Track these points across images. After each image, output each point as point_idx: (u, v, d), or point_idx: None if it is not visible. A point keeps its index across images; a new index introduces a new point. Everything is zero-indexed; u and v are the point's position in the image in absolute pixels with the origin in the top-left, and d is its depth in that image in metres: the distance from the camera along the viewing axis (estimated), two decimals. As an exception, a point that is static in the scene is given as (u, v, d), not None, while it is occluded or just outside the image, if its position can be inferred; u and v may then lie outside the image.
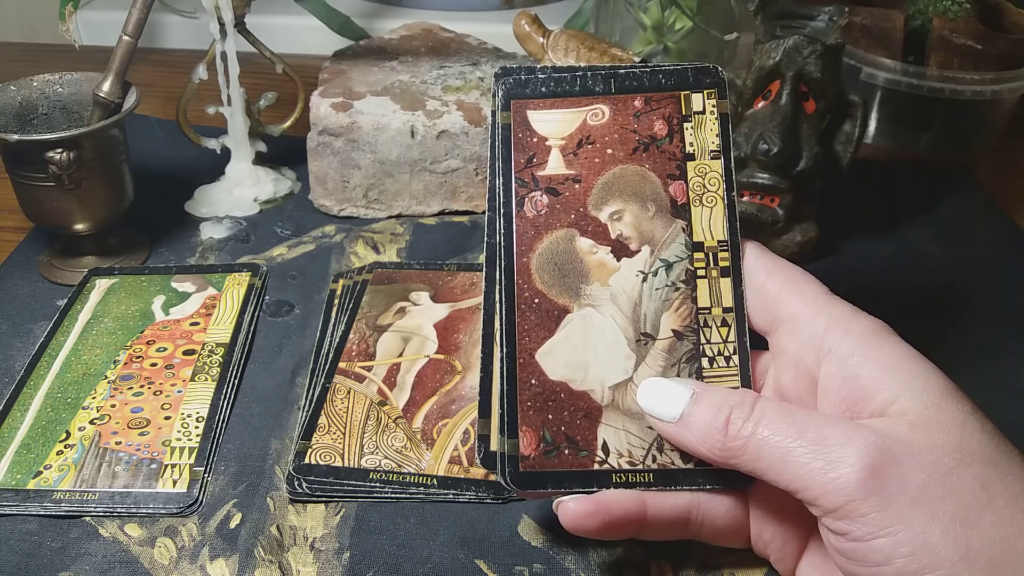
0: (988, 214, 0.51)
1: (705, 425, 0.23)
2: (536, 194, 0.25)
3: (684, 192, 0.26)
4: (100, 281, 0.43)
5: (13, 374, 0.37)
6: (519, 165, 0.25)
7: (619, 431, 0.25)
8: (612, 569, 0.30)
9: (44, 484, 0.32)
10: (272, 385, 0.37)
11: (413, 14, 0.68)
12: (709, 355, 0.25)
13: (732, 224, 0.25)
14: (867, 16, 0.56)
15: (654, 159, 0.26)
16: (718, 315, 0.25)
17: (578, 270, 0.25)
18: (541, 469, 0.24)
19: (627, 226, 0.25)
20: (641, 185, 0.26)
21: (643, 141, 0.26)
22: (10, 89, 0.43)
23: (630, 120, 0.26)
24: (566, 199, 0.25)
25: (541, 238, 0.25)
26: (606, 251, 0.25)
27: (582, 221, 0.25)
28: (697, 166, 0.26)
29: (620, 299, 0.25)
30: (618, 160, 0.26)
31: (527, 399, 0.24)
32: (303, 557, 0.30)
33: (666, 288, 0.25)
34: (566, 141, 0.26)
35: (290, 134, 0.52)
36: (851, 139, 0.44)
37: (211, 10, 0.46)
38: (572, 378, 0.25)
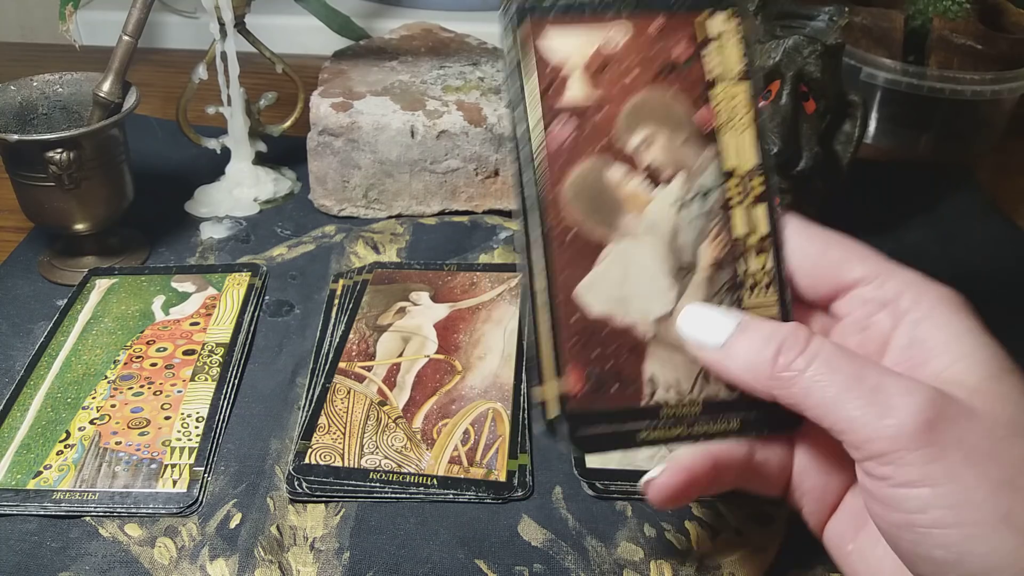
0: (988, 214, 0.51)
1: (752, 354, 0.23)
2: (562, 119, 0.24)
3: (711, 118, 0.24)
4: (100, 281, 0.43)
5: (13, 374, 0.37)
6: (542, 89, 0.24)
7: (666, 364, 0.24)
8: (612, 569, 0.30)
9: (44, 484, 0.32)
10: (272, 385, 0.37)
11: (413, 14, 0.68)
12: (749, 284, 0.24)
13: (762, 148, 0.25)
14: (867, 16, 0.56)
15: (679, 83, 0.24)
16: (754, 243, 0.25)
17: (612, 200, 0.24)
18: (590, 407, 0.24)
19: (659, 152, 0.24)
20: (669, 110, 0.24)
21: (666, 64, 0.24)
22: (10, 89, 0.43)
23: (651, 42, 0.24)
24: (593, 125, 0.24)
25: (571, 168, 0.24)
26: (639, 180, 0.24)
27: (612, 148, 0.24)
28: (722, 90, 0.25)
29: (657, 229, 0.24)
30: (643, 84, 0.24)
31: (569, 337, 0.24)
32: (303, 557, 0.30)
33: (703, 217, 0.24)
34: (588, 62, 0.24)
35: (290, 134, 0.52)
36: (851, 139, 0.44)
37: (211, 10, 0.46)
38: (614, 313, 0.24)
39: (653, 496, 0.24)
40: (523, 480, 0.32)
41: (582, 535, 0.31)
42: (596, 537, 0.31)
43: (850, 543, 0.25)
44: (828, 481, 0.25)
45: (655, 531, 0.31)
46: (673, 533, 0.31)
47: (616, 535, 0.31)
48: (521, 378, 0.37)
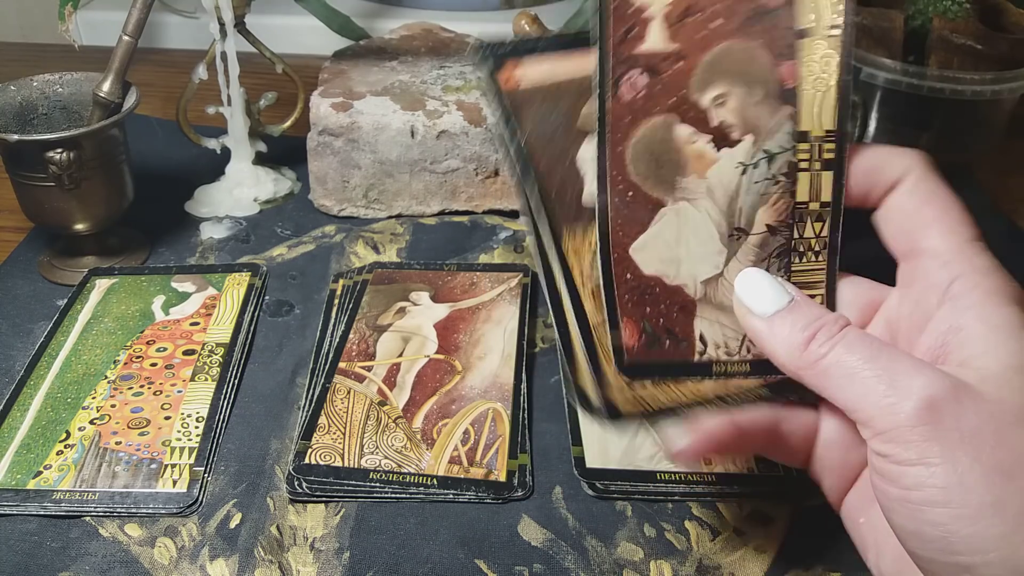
0: (988, 214, 0.51)
1: (789, 335, 0.23)
2: (634, 73, 0.23)
3: (794, 74, 0.23)
4: (100, 281, 0.43)
5: (13, 374, 0.37)
6: (616, 39, 0.22)
7: (714, 324, 0.24)
8: (612, 569, 0.30)
9: (44, 484, 0.32)
10: (272, 385, 0.37)
11: (413, 14, 0.68)
12: (800, 250, 0.24)
13: (843, 113, 0.24)
14: (867, 16, 0.56)
15: (765, 34, 0.23)
16: (815, 209, 0.24)
17: (675, 161, 0.23)
18: (646, 359, 0.24)
19: (731, 112, 0.23)
20: (749, 65, 0.23)
21: (756, 10, 0.23)
22: (10, 89, 0.43)
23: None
24: (666, 80, 0.23)
25: (637, 125, 0.23)
26: (706, 140, 0.23)
27: (683, 106, 0.23)
28: (812, 44, 0.23)
29: (716, 192, 0.24)
30: (726, 34, 0.23)
31: (624, 292, 0.24)
32: (303, 557, 0.30)
33: (765, 181, 0.24)
34: (670, 8, 0.23)
35: (290, 134, 0.52)
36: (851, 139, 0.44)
37: (211, 10, 0.46)
38: (665, 273, 0.24)
39: (681, 462, 0.25)
40: (523, 480, 0.32)
41: (582, 535, 0.31)
42: (596, 537, 0.31)
43: (862, 516, 0.25)
44: (849, 456, 0.26)
45: (655, 531, 0.31)
46: (673, 533, 0.31)
47: (616, 535, 0.31)
48: (521, 378, 0.37)
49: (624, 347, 0.24)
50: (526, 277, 0.43)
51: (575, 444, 0.34)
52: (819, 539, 0.31)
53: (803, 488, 0.32)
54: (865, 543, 0.26)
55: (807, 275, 0.25)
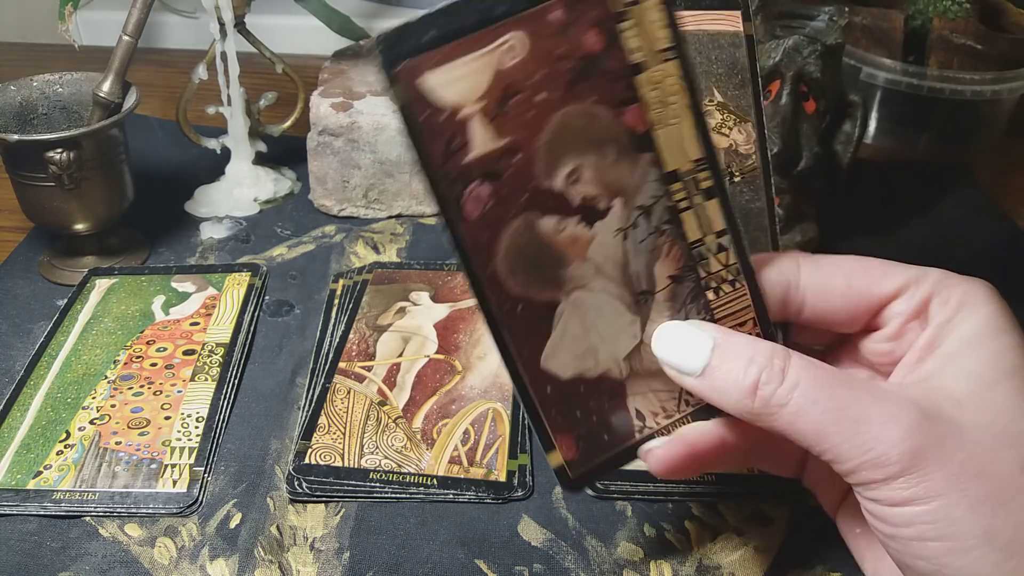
0: (988, 214, 0.51)
1: (731, 384, 0.22)
2: (474, 185, 0.20)
3: (641, 117, 0.21)
4: (100, 281, 0.43)
5: (13, 374, 0.37)
6: (438, 161, 0.20)
7: (647, 395, 0.24)
8: (612, 569, 0.30)
9: (44, 484, 0.32)
10: (272, 385, 0.37)
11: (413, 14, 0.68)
12: (713, 285, 0.23)
13: (704, 135, 0.22)
14: (867, 16, 0.56)
15: (596, 87, 0.20)
16: (712, 243, 0.23)
17: (552, 256, 0.22)
18: (591, 465, 0.24)
19: (589, 184, 0.21)
20: (591, 128, 0.21)
21: (578, 67, 0.20)
22: (10, 89, 0.43)
23: (554, 42, 0.20)
24: (510, 179, 0.20)
25: (499, 238, 0.21)
26: (575, 222, 0.22)
27: (537, 198, 0.21)
28: (649, 77, 0.21)
29: (605, 268, 0.22)
30: (555, 104, 0.20)
31: (550, 408, 0.23)
32: (303, 557, 0.30)
33: (650, 237, 0.22)
34: (485, 101, 0.20)
35: (290, 134, 0.52)
36: (851, 139, 0.44)
37: (211, 10, 0.46)
38: (585, 368, 0.23)
39: (652, 465, 0.24)
40: (523, 480, 0.32)
41: (582, 535, 0.31)
42: (596, 537, 0.31)
43: (858, 527, 0.25)
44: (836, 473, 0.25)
45: (655, 531, 0.31)
46: (673, 533, 0.31)
47: (616, 535, 0.31)
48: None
49: (565, 464, 0.24)
50: (526, 277, 0.43)
51: (575, 444, 0.34)
52: (819, 539, 0.31)
53: (803, 489, 0.32)
54: (862, 554, 0.25)
55: (730, 306, 0.24)
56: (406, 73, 0.19)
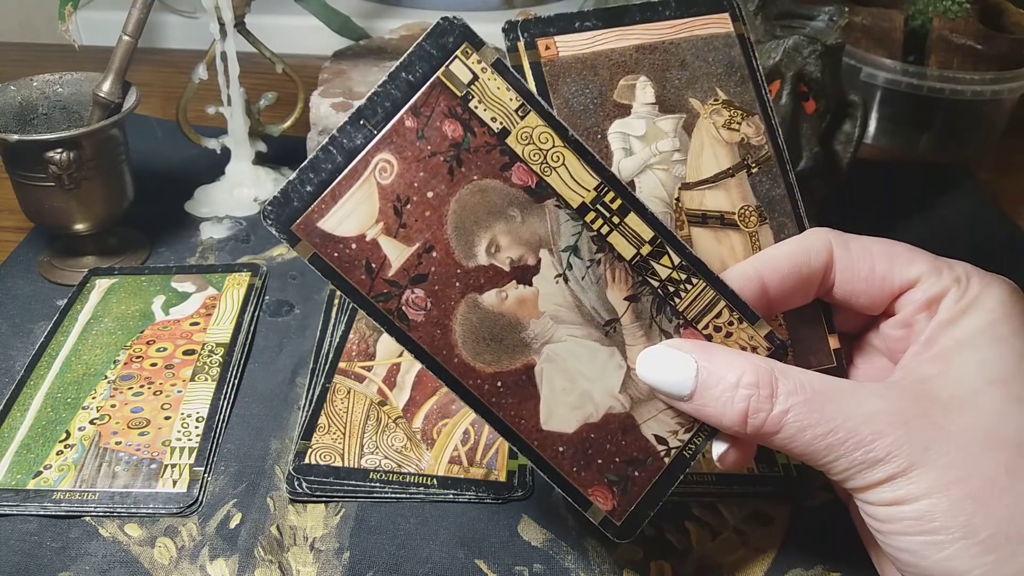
0: (988, 214, 0.51)
1: (721, 411, 0.23)
2: (407, 294, 0.22)
3: (528, 172, 0.22)
4: (100, 281, 0.43)
5: (13, 374, 0.37)
6: (365, 286, 0.22)
7: (657, 417, 0.24)
8: (612, 569, 0.30)
9: (44, 484, 0.32)
10: (272, 385, 0.37)
11: (413, 14, 0.68)
12: (671, 290, 0.23)
13: (592, 162, 0.23)
14: (867, 16, 0.56)
15: (474, 165, 0.22)
16: (648, 251, 0.23)
17: (507, 325, 0.23)
18: (633, 507, 0.24)
19: (509, 249, 0.23)
20: (488, 201, 0.22)
21: (449, 156, 0.22)
22: (10, 89, 0.43)
23: (419, 146, 0.22)
24: (436, 275, 0.22)
25: (450, 329, 0.22)
26: (513, 287, 0.23)
27: (469, 280, 0.22)
28: (516, 136, 0.22)
29: (561, 314, 0.23)
30: (446, 196, 0.22)
31: (569, 467, 0.23)
32: (303, 557, 0.30)
33: (589, 270, 0.23)
34: (382, 220, 0.22)
35: (290, 134, 0.52)
36: (851, 139, 0.44)
37: (211, 10, 0.46)
38: (586, 415, 0.23)
39: (732, 463, 0.25)
40: (523, 480, 0.32)
41: (582, 535, 0.31)
42: (596, 537, 0.31)
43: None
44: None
45: (655, 531, 0.31)
46: (673, 533, 0.31)
47: (616, 535, 0.31)
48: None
49: (607, 515, 0.24)
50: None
51: (575, 444, 0.34)
52: (819, 539, 0.31)
53: (803, 488, 0.32)
54: (868, 541, 0.26)
55: (698, 302, 0.24)
56: (302, 229, 0.21)
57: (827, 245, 0.25)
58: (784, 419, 0.22)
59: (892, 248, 0.25)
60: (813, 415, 0.22)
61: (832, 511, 0.32)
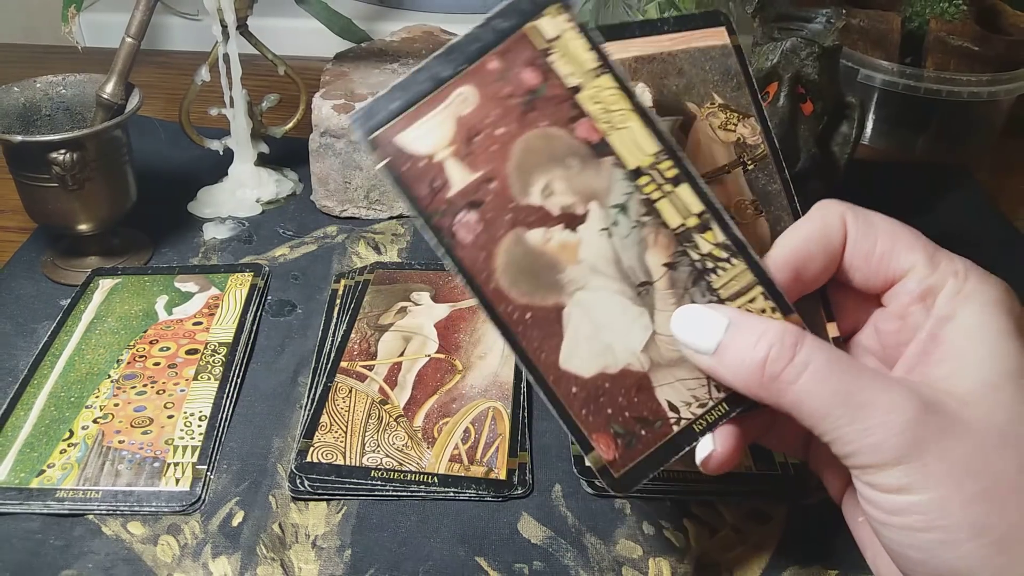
0: (985, 215, 0.52)
1: (741, 360, 0.22)
2: (461, 215, 0.23)
3: (593, 128, 0.24)
4: (103, 281, 0.43)
5: (17, 373, 0.38)
6: (425, 201, 0.23)
7: (674, 384, 0.24)
8: (611, 566, 0.30)
9: (47, 483, 0.32)
10: (274, 384, 0.38)
11: (414, 17, 0.69)
12: (710, 266, 0.24)
13: (655, 130, 0.24)
14: (864, 18, 0.56)
15: (545, 112, 0.23)
16: (695, 224, 0.24)
17: (546, 264, 0.24)
18: (633, 464, 0.24)
19: (562, 195, 0.24)
20: (550, 146, 0.23)
21: (524, 101, 0.23)
22: (14, 90, 0.44)
23: (498, 87, 0.23)
24: (492, 203, 0.23)
25: (494, 256, 0.23)
26: (559, 230, 0.24)
27: (520, 215, 0.23)
28: (588, 94, 0.24)
29: (599, 266, 0.24)
30: (514, 135, 0.23)
31: (579, 409, 0.24)
32: (305, 555, 0.30)
33: (633, 231, 0.24)
34: (454, 146, 0.23)
35: (292, 135, 0.52)
36: (848, 140, 0.44)
37: (214, 12, 0.46)
38: (605, 365, 0.24)
39: (714, 467, 0.24)
40: (523, 478, 0.33)
41: (581, 532, 0.31)
42: (595, 534, 0.31)
43: (860, 515, 0.25)
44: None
45: (654, 529, 0.31)
46: (671, 531, 0.31)
47: (615, 532, 0.31)
48: (521, 377, 0.37)
49: (607, 464, 0.24)
50: (526, 277, 0.43)
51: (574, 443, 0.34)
52: (817, 537, 0.31)
53: (800, 487, 0.33)
54: (863, 542, 0.26)
55: (734, 284, 0.24)
56: (382, 139, 0.23)
57: (841, 217, 0.25)
58: (804, 372, 0.22)
59: (896, 229, 0.25)
60: (833, 374, 0.21)
61: (829, 510, 0.32)
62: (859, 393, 0.21)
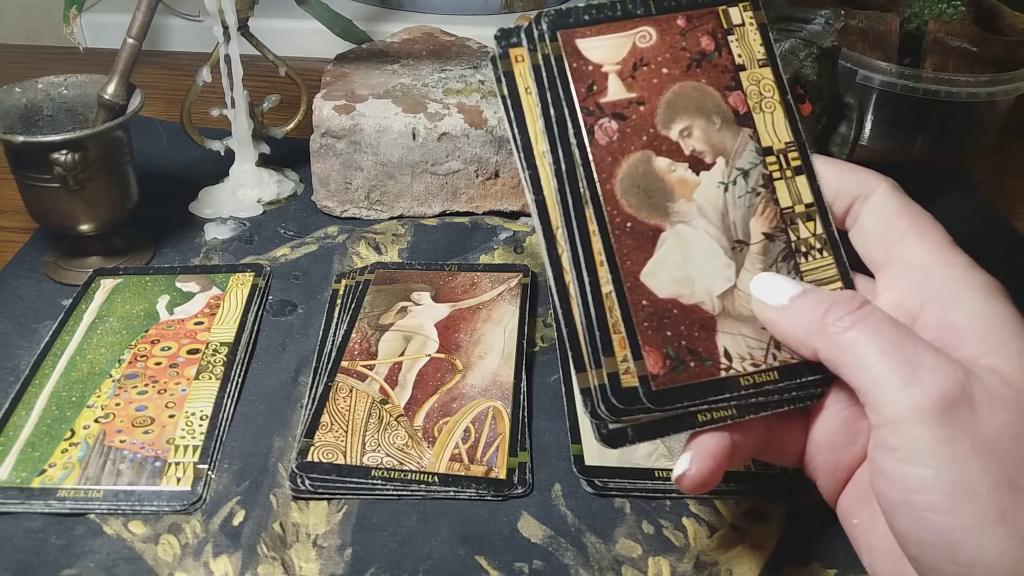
0: (984, 216, 0.52)
1: (806, 313, 0.24)
2: (604, 120, 0.25)
3: (743, 101, 0.26)
4: (105, 281, 0.43)
5: (18, 373, 0.38)
6: (581, 95, 0.25)
7: (736, 336, 0.25)
8: (611, 565, 0.30)
9: (49, 482, 0.32)
10: (275, 384, 0.38)
11: (414, 18, 0.69)
12: (803, 250, 0.26)
13: (794, 126, 0.27)
14: (863, 19, 0.56)
15: (708, 73, 0.26)
16: (801, 211, 0.26)
17: (662, 189, 0.25)
18: (672, 385, 0.24)
19: (698, 141, 0.26)
20: (702, 99, 0.26)
21: (694, 57, 0.26)
22: (15, 91, 0.44)
23: (677, 39, 0.26)
24: (634, 122, 0.26)
25: (619, 163, 0.25)
26: (684, 167, 0.26)
27: (655, 141, 0.26)
28: (749, 75, 0.27)
29: (707, 211, 0.25)
30: (675, 78, 0.26)
31: (643, 320, 0.25)
32: (305, 554, 0.30)
33: (747, 195, 0.26)
34: (621, 65, 0.26)
35: (293, 136, 0.52)
36: (847, 141, 0.44)
37: (215, 13, 0.46)
38: (680, 293, 0.25)
39: (688, 487, 0.25)
40: (523, 477, 0.33)
41: (581, 532, 0.31)
42: (595, 534, 0.31)
43: (856, 517, 0.25)
44: (839, 457, 0.26)
45: (653, 528, 0.31)
46: (671, 530, 0.31)
47: (615, 532, 0.31)
48: (521, 377, 0.37)
49: (649, 375, 0.24)
50: (526, 277, 0.43)
51: (574, 442, 0.34)
52: (815, 536, 0.31)
53: (799, 486, 0.33)
54: (859, 544, 0.25)
55: (819, 272, 0.26)
56: (565, 36, 0.26)
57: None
58: (860, 322, 0.22)
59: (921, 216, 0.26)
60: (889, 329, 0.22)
61: (828, 509, 0.32)
62: (910, 349, 0.21)
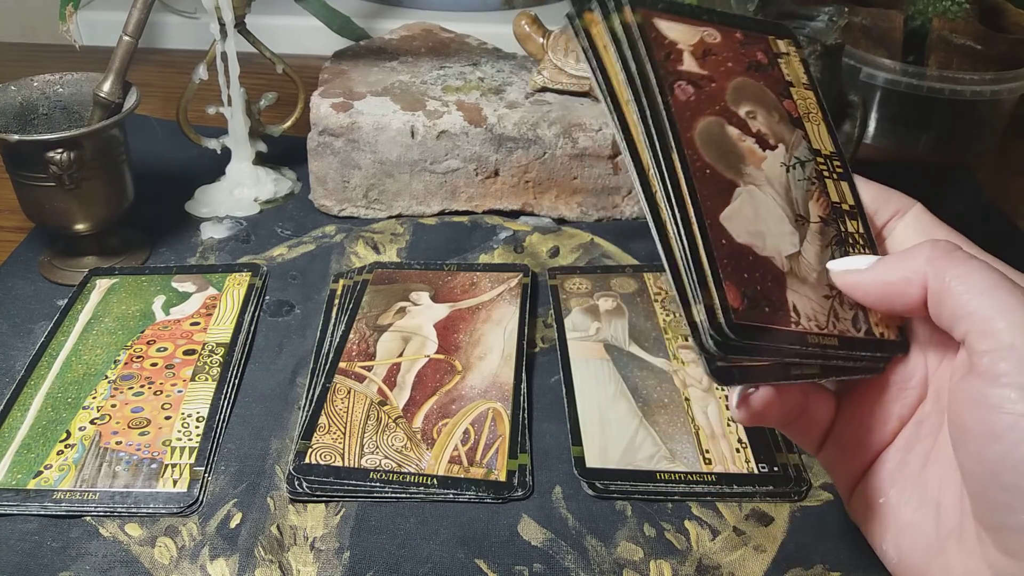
0: (988, 214, 0.51)
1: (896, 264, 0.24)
2: (682, 83, 0.26)
3: (795, 108, 0.28)
4: (100, 281, 0.43)
5: (14, 374, 0.37)
6: (659, 57, 0.26)
7: (802, 297, 0.26)
8: (612, 569, 0.30)
9: (44, 484, 0.32)
10: (272, 385, 0.37)
11: (413, 14, 0.68)
12: (850, 242, 0.27)
13: (836, 143, 0.29)
14: (867, 16, 0.56)
15: (765, 78, 0.28)
16: (847, 209, 0.28)
17: (735, 152, 0.26)
18: (751, 323, 0.25)
19: (762, 124, 0.27)
20: (763, 95, 0.28)
21: (752, 63, 0.28)
22: (11, 89, 0.44)
23: (738, 45, 0.28)
24: (707, 92, 0.27)
25: (697, 119, 0.26)
26: (752, 141, 0.27)
27: (726, 113, 0.27)
28: (797, 91, 0.29)
29: (774, 183, 0.27)
30: (738, 72, 0.28)
31: (723, 256, 0.25)
32: (303, 557, 0.30)
33: (805, 180, 0.27)
34: (693, 47, 0.27)
35: (290, 134, 0.52)
36: (851, 139, 0.44)
37: (211, 10, 0.46)
38: (755, 244, 0.26)
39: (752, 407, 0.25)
40: (523, 480, 0.32)
41: (582, 535, 0.31)
42: (596, 537, 0.31)
43: (882, 496, 0.25)
44: (854, 457, 0.26)
45: (655, 531, 0.31)
46: (673, 533, 0.31)
47: (616, 535, 0.31)
48: (521, 378, 0.37)
49: (733, 308, 0.25)
50: (526, 277, 0.43)
51: (575, 444, 0.34)
52: (818, 539, 0.31)
53: (802, 488, 0.32)
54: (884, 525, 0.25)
55: None
56: (644, 11, 0.27)
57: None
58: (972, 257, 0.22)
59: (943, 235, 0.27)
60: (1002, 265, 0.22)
61: (831, 511, 0.32)
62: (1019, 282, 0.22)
